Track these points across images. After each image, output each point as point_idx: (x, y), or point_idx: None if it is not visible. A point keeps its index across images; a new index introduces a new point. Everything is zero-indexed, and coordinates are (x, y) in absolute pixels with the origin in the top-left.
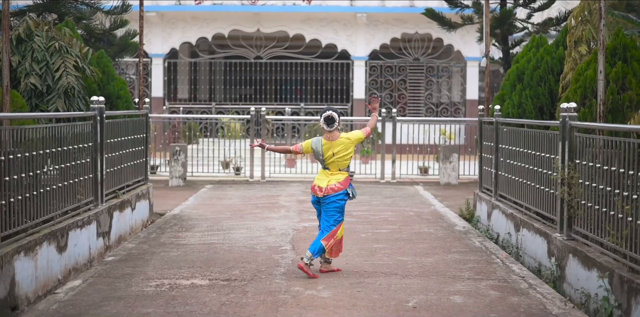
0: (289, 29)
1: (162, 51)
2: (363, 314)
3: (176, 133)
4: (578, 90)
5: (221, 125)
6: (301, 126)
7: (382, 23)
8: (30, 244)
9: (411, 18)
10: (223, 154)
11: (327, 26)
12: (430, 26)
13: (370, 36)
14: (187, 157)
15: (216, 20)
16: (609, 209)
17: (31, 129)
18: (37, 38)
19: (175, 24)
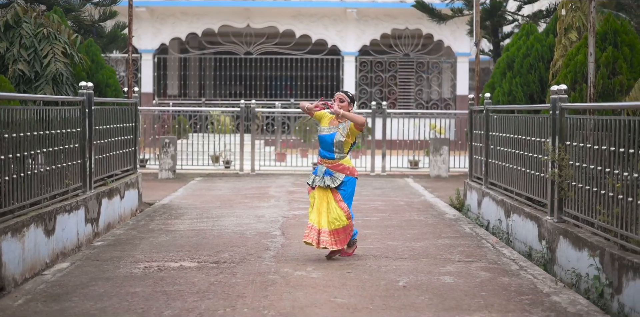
0: (279, 24)
1: (151, 47)
2: (353, 293)
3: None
4: (568, 75)
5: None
6: (291, 121)
7: (372, 18)
8: (17, 225)
9: (401, 13)
10: (213, 148)
11: (317, 22)
12: (421, 22)
13: (360, 32)
14: (177, 150)
15: (206, 15)
16: (599, 189)
17: (18, 110)
18: (25, 25)
19: (165, 20)
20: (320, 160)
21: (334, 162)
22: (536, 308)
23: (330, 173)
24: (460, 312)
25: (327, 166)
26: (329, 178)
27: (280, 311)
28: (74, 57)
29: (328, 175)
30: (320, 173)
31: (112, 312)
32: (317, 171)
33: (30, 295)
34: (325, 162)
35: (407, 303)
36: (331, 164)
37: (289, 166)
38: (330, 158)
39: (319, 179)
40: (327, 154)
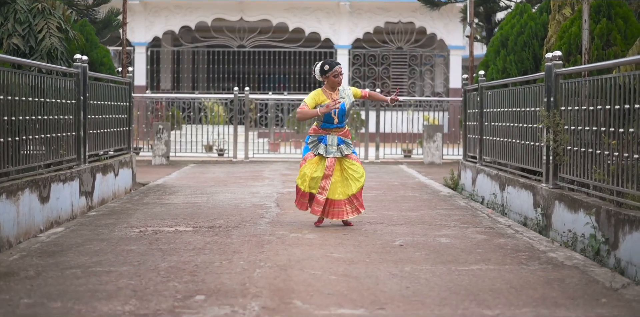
0: (273, 17)
1: (144, 40)
2: (349, 250)
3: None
4: (562, 47)
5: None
6: (284, 114)
7: (365, 12)
8: (12, 187)
9: (394, 7)
10: (207, 138)
11: (310, 15)
12: (414, 15)
13: (353, 25)
14: (171, 138)
15: (199, 8)
16: (594, 149)
17: (14, 73)
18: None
19: (158, 13)
20: (326, 130)
21: (343, 129)
22: (533, 262)
23: (343, 141)
24: (457, 265)
25: (337, 135)
26: (344, 146)
27: (277, 263)
28: (68, 33)
29: (342, 143)
30: (332, 142)
31: (107, 264)
32: (327, 141)
33: (25, 252)
34: (335, 131)
35: (404, 257)
36: (341, 132)
37: (282, 154)
38: (341, 127)
39: (335, 150)
40: (339, 124)
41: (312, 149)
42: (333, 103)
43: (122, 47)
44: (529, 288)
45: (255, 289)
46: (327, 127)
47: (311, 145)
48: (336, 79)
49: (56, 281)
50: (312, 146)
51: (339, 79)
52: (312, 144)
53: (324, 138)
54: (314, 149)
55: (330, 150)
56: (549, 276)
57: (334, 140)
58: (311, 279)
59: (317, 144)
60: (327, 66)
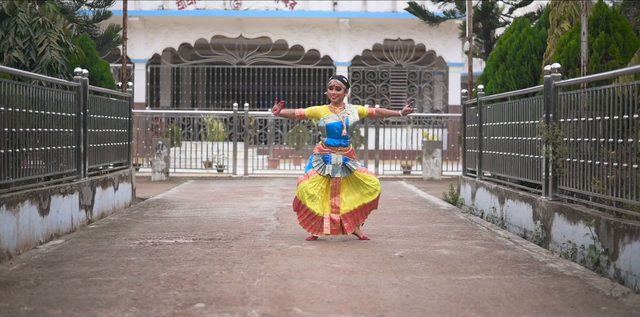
0: (272, 34)
1: (144, 57)
2: (349, 260)
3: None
4: (561, 60)
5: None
6: (283, 131)
7: (364, 29)
8: (12, 199)
9: (393, 24)
10: (206, 155)
11: (309, 32)
12: (413, 32)
13: (352, 42)
14: (170, 152)
15: (199, 25)
16: (594, 160)
17: (15, 85)
18: (20, 14)
19: (157, 30)
20: (330, 149)
21: (347, 149)
22: (533, 272)
23: (348, 160)
24: (457, 275)
25: (343, 154)
26: (350, 163)
27: (277, 273)
28: (68, 47)
29: (348, 161)
30: (337, 161)
31: (107, 274)
32: (331, 160)
33: (25, 263)
34: (339, 150)
35: (404, 268)
36: (345, 151)
37: (282, 170)
38: (345, 145)
39: (339, 169)
40: (341, 141)
41: (318, 169)
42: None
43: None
44: (529, 297)
45: (256, 297)
46: (332, 145)
47: (316, 165)
48: (332, 92)
49: (56, 290)
50: (317, 166)
51: (332, 92)
52: (317, 163)
53: (329, 157)
54: (321, 169)
55: (335, 171)
56: (548, 285)
57: (339, 159)
58: (311, 288)
59: (322, 165)
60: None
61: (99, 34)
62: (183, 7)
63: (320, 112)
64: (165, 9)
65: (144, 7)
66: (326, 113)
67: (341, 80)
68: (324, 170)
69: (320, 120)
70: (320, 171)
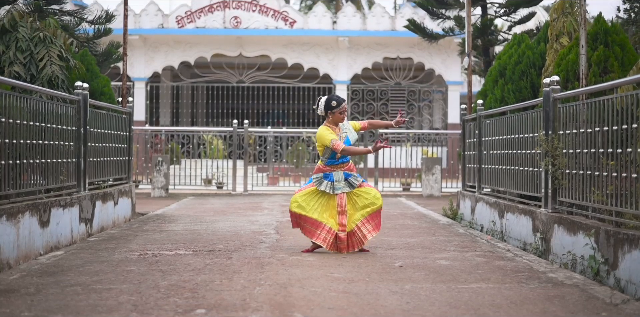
0: (271, 53)
1: (144, 75)
2: (349, 270)
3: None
4: (560, 74)
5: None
6: (283, 149)
7: (363, 47)
8: (12, 210)
9: (393, 42)
10: (205, 172)
11: (309, 50)
12: (412, 51)
13: (352, 60)
14: (170, 170)
15: (199, 44)
16: (593, 171)
17: (16, 96)
18: (21, 29)
19: (157, 48)
20: (332, 167)
21: (347, 164)
22: (532, 281)
23: (350, 175)
24: (457, 284)
25: (343, 170)
26: (352, 179)
27: (277, 281)
28: (69, 61)
29: (350, 176)
30: (339, 178)
31: (108, 283)
32: (333, 177)
33: (25, 272)
34: (340, 166)
35: (404, 277)
36: (346, 167)
37: (282, 187)
38: (345, 162)
39: (342, 185)
40: (342, 159)
41: (315, 183)
42: (384, 144)
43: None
44: (529, 303)
45: (256, 304)
46: (333, 164)
47: (315, 182)
48: (342, 116)
49: (56, 297)
50: (316, 182)
51: (344, 115)
52: (317, 180)
53: (330, 175)
54: (319, 185)
55: (337, 187)
56: (548, 293)
57: (340, 175)
58: (311, 295)
59: (322, 181)
60: (334, 102)
61: (99, 51)
62: (183, 25)
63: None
64: (165, 28)
65: (144, 25)
66: (332, 133)
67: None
68: (322, 186)
69: None
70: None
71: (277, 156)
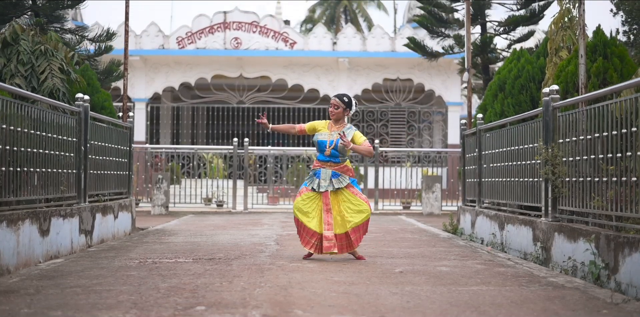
0: (272, 74)
1: (145, 96)
2: (349, 275)
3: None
4: (560, 86)
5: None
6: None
7: (363, 68)
8: (13, 216)
9: (392, 63)
10: (205, 191)
11: (309, 71)
12: (412, 72)
13: (352, 81)
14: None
15: (199, 65)
16: (593, 177)
17: (16, 104)
18: (23, 42)
19: (158, 69)
20: (321, 164)
21: (338, 165)
22: (533, 284)
23: (337, 175)
24: (457, 286)
25: (333, 169)
26: (336, 180)
27: (277, 284)
28: (70, 74)
29: (335, 177)
30: (326, 176)
31: (107, 285)
32: (320, 174)
33: (25, 276)
34: (329, 165)
35: (404, 281)
36: (337, 166)
37: (282, 205)
38: (335, 162)
39: (327, 184)
40: (330, 158)
41: (309, 184)
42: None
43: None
44: (530, 303)
45: (256, 302)
46: (322, 160)
47: (308, 180)
48: (329, 109)
49: (56, 297)
50: (308, 180)
51: (331, 109)
52: (309, 178)
53: (319, 172)
54: (310, 183)
55: (322, 185)
56: (549, 294)
57: (327, 173)
58: (311, 295)
59: (312, 179)
60: None
61: (100, 68)
62: (184, 46)
63: (317, 126)
64: (166, 48)
65: (144, 46)
66: (322, 128)
67: (341, 99)
68: (312, 183)
69: (315, 134)
70: (310, 184)
71: (278, 176)
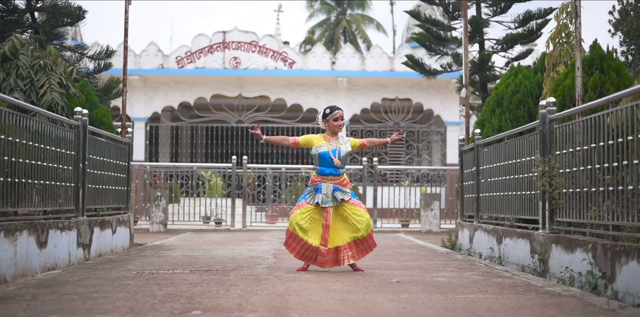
0: (271, 93)
1: (144, 115)
2: (346, 284)
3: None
4: (557, 99)
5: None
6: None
7: (362, 88)
8: (10, 226)
9: (391, 83)
10: (204, 210)
11: (308, 91)
12: (411, 91)
13: (351, 101)
14: (168, 205)
15: (198, 84)
16: (590, 188)
17: (14, 115)
18: (22, 56)
19: (157, 88)
20: (322, 178)
21: (339, 178)
22: (530, 293)
23: (339, 189)
24: (454, 294)
25: (334, 183)
26: (339, 193)
27: (274, 291)
28: (69, 89)
29: (337, 191)
30: (327, 191)
31: (104, 292)
32: (322, 189)
33: (22, 285)
34: (330, 179)
35: (401, 289)
36: (337, 180)
37: (280, 223)
38: (337, 175)
39: (330, 199)
40: (333, 171)
41: (309, 198)
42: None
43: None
44: (527, 309)
45: (252, 307)
46: (323, 174)
47: (308, 195)
48: (335, 123)
49: (53, 303)
50: (308, 195)
51: (338, 123)
52: (309, 193)
53: (320, 187)
54: (311, 198)
55: (325, 200)
56: (546, 301)
57: (329, 188)
58: (308, 301)
59: (313, 194)
60: (328, 110)
61: (99, 86)
62: (183, 65)
63: (313, 140)
64: (165, 68)
65: (144, 65)
66: (319, 142)
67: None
68: (313, 199)
69: (312, 148)
70: (310, 200)
71: (276, 196)
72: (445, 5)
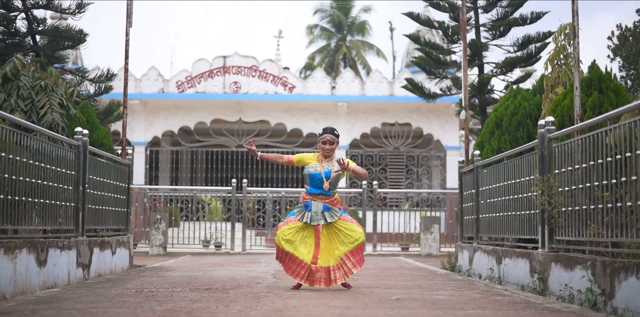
0: (271, 118)
1: (144, 139)
2: (346, 301)
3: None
4: (556, 119)
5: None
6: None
7: (362, 112)
8: (10, 244)
9: (391, 107)
10: (204, 233)
11: (308, 115)
12: (410, 116)
13: (350, 125)
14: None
15: (199, 109)
16: (589, 205)
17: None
18: (23, 77)
19: (157, 112)
20: (312, 196)
21: (330, 198)
22: (529, 309)
23: (328, 208)
24: (454, 310)
25: (324, 202)
26: (328, 214)
27: (273, 308)
28: (70, 110)
29: (327, 210)
30: (317, 209)
31: (103, 308)
32: (312, 207)
33: (22, 301)
34: (321, 198)
35: (401, 306)
36: (328, 200)
37: None
38: (327, 195)
39: (319, 217)
40: (322, 191)
41: (298, 215)
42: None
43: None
44: None
45: None
46: (313, 193)
47: (297, 212)
48: (323, 146)
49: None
50: (298, 212)
51: (325, 146)
52: (299, 210)
53: (309, 205)
54: (300, 216)
55: (314, 218)
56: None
57: (319, 207)
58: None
59: (303, 212)
60: (322, 131)
61: (99, 109)
62: (183, 90)
63: (306, 159)
64: (166, 92)
65: (144, 90)
66: (312, 162)
67: (334, 134)
68: (303, 217)
69: (304, 168)
70: (300, 217)
71: (276, 220)
72: (445, 29)
